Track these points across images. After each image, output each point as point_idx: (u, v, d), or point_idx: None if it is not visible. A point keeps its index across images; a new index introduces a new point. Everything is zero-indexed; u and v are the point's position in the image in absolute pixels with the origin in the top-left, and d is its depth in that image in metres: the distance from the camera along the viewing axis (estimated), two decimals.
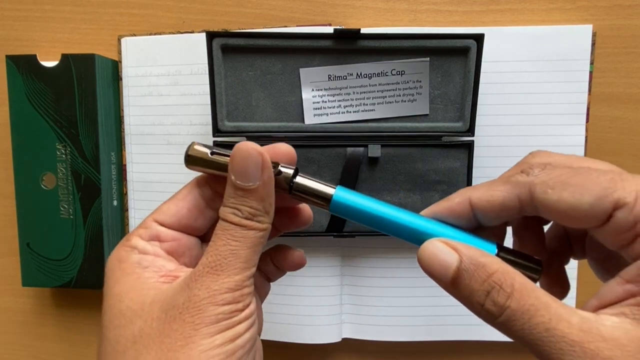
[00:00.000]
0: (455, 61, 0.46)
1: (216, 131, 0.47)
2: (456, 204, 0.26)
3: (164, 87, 0.51)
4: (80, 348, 0.57)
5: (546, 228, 0.29)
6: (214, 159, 0.27)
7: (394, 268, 0.51)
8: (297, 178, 0.27)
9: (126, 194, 0.53)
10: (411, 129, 0.47)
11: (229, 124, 0.47)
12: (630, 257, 0.22)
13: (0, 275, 0.57)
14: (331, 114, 0.48)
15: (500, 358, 0.53)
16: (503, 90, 0.48)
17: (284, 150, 0.29)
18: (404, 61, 0.46)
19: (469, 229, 0.26)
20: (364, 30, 0.45)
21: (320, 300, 0.51)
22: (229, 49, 0.45)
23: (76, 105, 0.49)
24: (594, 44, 0.47)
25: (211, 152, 0.27)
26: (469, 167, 0.47)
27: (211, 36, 0.45)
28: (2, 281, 0.57)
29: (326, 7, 0.50)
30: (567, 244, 0.29)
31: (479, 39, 0.44)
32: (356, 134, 0.47)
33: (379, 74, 0.47)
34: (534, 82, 0.48)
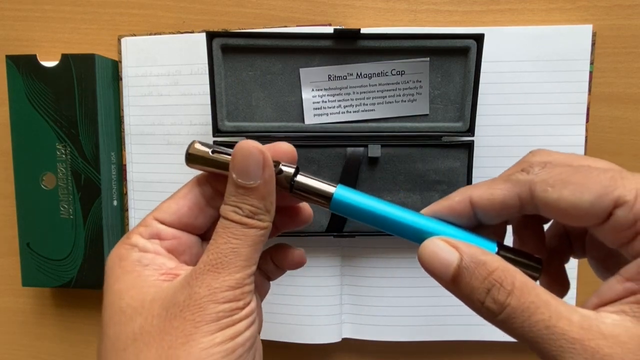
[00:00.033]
0: (455, 61, 0.46)
1: (216, 131, 0.47)
2: (456, 202, 0.26)
3: (164, 87, 0.51)
4: (80, 348, 0.57)
5: (546, 227, 0.29)
6: (215, 158, 0.27)
7: (394, 268, 0.51)
8: (298, 177, 0.27)
9: (126, 194, 0.53)
10: (411, 129, 0.47)
11: (229, 124, 0.47)
12: (630, 255, 0.22)
13: (0, 275, 0.57)
14: (331, 114, 0.48)
15: (500, 358, 0.53)
16: (503, 90, 0.48)
17: (284, 149, 0.29)
18: (404, 61, 0.46)
19: (469, 227, 0.26)
20: (364, 30, 0.45)
21: (320, 300, 0.51)
22: (229, 49, 0.46)
23: (76, 105, 0.49)
24: (594, 44, 0.47)
25: (212, 151, 0.27)
26: (469, 167, 0.47)
27: (211, 36, 0.45)
28: (2, 281, 0.57)
29: (326, 7, 0.50)
30: (567, 243, 0.29)
31: (479, 39, 0.44)
32: (356, 134, 0.47)
33: (379, 74, 0.47)
34: (534, 82, 0.48)
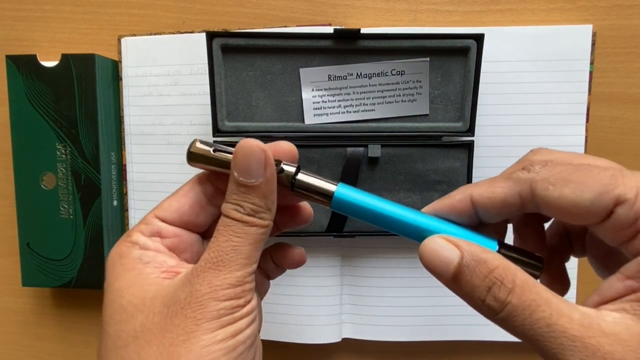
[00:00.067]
0: (455, 61, 0.46)
1: (216, 131, 0.47)
2: (457, 201, 0.26)
3: (164, 87, 0.51)
4: (80, 348, 0.57)
5: (546, 226, 0.29)
6: (216, 156, 0.27)
7: (394, 268, 0.51)
8: (299, 175, 0.28)
9: (126, 194, 0.53)
10: (411, 129, 0.47)
11: (229, 124, 0.47)
12: (631, 253, 0.22)
13: (0, 275, 0.57)
14: (331, 114, 0.48)
15: (500, 358, 0.53)
16: (503, 90, 0.48)
17: (285, 148, 0.29)
18: (404, 61, 0.46)
19: (470, 226, 0.26)
20: (364, 30, 0.45)
21: (320, 300, 0.51)
22: (229, 49, 0.46)
23: (76, 105, 0.50)
24: (594, 44, 0.47)
25: (214, 149, 0.27)
26: (469, 167, 0.47)
27: (211, 36, 0.45)
28: (2, 281, 0.57)
29: (326, 7, 0.50)
30: (567, 242, 0.29)
31: (479, 39, 0.44)
32: (356, 134, 0.47)
33: (379, 74, 0.47)
34: (534, 82, 0.48)
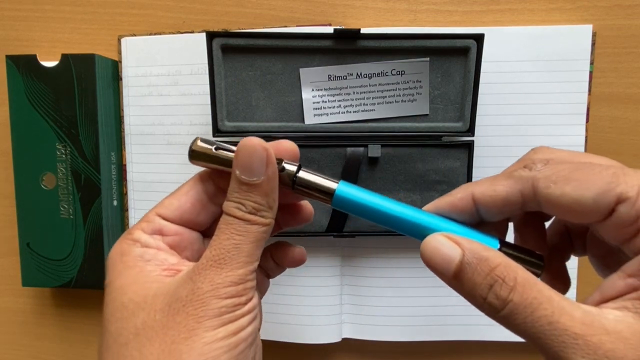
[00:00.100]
0: (455, 61, 0.46)
1: (216, 131, 0.47)
2: (458, 199, 0.26)
3: (164, 87, 0.51)
4: (80, 348, 0.57)
5: (547, 225, 0.29)
6: (218, 154, 0.27)
7: (394, 268, 0.51)
8: (300, 173, 0.28)
9: (126, 194, 0.53)
10: (411, 129, 0.47)
11: (229, 124, 0.47)
12: (632, 251, 0.22)
13: (0, 275, 0.57)
14: (331, 114, 0.48)
15: (500, 358, 0.53)
16: (503, 90, 0.48)
17: (287, 147, 0.29)
18: (404, 61, 0.46)
19: (471, 224, 0.26)
20: (364, 30, 0.45)
21: (320, 300, 0.51)
22: (229, 49, 0.46)
23: (76, 105, 0.49)
24: (594, 44, 0.47)
25: (215, 147, 0.27)
26: (469, 167, 0.47)
27: (211, 36, 0.45)
28: (2, 281, 0.57)
29: (326, 7, 0.50)
30: (568, 241, 0.29)
31: (479, 39, 0.44)
32: (356, 134, 0.47)
33: (379, 74, 0.47)
34: (534, 82, 0.48)
